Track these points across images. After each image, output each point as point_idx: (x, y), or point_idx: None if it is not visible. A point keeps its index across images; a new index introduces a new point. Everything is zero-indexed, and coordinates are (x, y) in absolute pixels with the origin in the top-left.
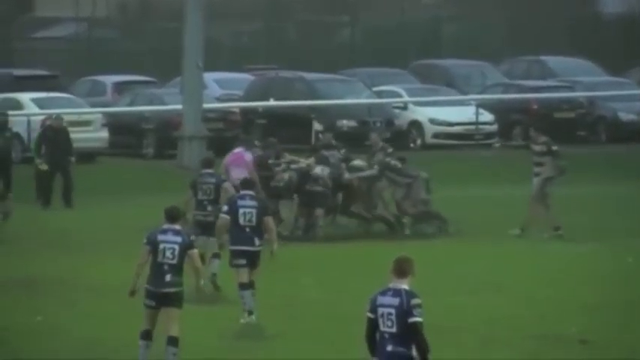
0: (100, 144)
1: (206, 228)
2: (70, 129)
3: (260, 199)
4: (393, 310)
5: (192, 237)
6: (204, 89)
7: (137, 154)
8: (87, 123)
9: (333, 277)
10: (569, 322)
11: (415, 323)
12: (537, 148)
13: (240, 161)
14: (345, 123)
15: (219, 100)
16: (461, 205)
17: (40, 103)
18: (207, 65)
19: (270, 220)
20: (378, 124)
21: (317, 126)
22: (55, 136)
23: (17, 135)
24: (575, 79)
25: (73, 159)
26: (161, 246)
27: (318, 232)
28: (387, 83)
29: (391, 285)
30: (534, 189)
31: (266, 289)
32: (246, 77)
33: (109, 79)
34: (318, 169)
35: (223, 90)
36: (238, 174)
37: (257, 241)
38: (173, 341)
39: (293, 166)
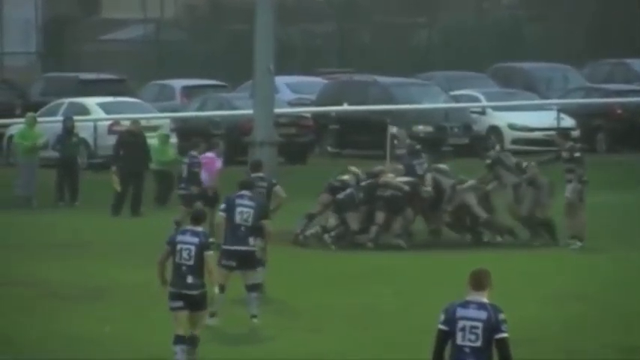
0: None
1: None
2: None
3: (260, 200)
4: (479, 324)
5: (212, 239)
6: (275, 93)
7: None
8: (155, 128)
9: (411, 287)
10: None
11: (504, 339)
12: (564, 154)
13: (211, 167)
14: (422, 128)
15: (290, 104)
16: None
17: (106, 108)
18: (279, 69)
19: (267, 224)
20: (456, 130)
21: (392, 131)
22: (134, 140)
23: (83, 141)
24: None
25: (152, 165)
26: (178, 246)
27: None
28: (465, 87)
29: (470, 298)
30: (573, 195)
31: (342, 298)
32: (318, 81)
33: (178, 83)
34: (390, 177)
35: (295, 94)
36: (205, 179)
37: (251, 241)
38: (193, 340)
39: (362, 183)
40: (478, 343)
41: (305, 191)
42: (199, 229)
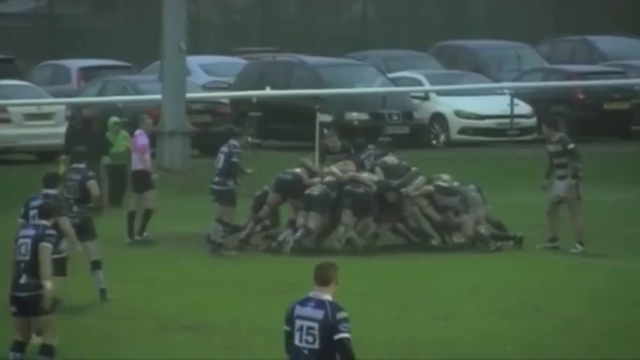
0: (63, 140)
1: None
2: (26, 123)
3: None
4: (315, 324)
5: (50, 231)
6: (187, 76)
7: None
8: (47, 116)
9: (346, 297)
10: (620, 349)
11: (343, 340)
12: (552, 147)
13: (134, 145)
14: (355, 116)
15: (205, 88)
16: (493, 212)
17: None
18: (192, 48)
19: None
20: (395, 117)
21: (322, 119)
22: (87, 129)
23: None
24: (629, 62)
25: (107, 159)
26: (19, 242)
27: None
28: (405, 68)
29: (312, 294)
30: (571, 193)
31: (263, 310)
32: (237, 62)
33: (74, 64)
34: (365, 174)
35: (210, 77)
36: (134, 160)
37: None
38: (45, 350)
39: (328, 178)
40: (316, 345)
41: None
42: (43, 222)
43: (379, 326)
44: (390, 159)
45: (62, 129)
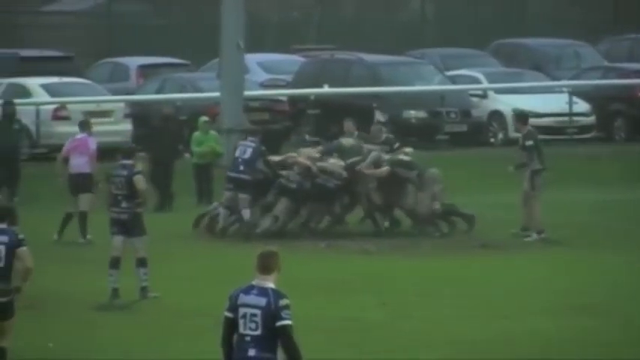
0: (122, 138)
1: (121, 227)
2: None
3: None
4: (258, 311)
5: (22, 236)
6: (245, 74)
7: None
8: (107, 113)
9: (396, 296)
10: None
11: (285, 327)
12: (520, 141)
13: (83, 148)
14: (413, 114)
15: (263, 86)
16: (550, 210)
17: (51, 90)
18: (250, 45)
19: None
20: (453, 115)
21: (379, 117)
22: (164, 127)
23: (26, 128)
24: None
25: (187, 155)
26: None
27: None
28: (463, 66)
29: (255, 282)
30: (527, 185)
31: (320, 311)
32: (295, 59)
33: (133, 62)
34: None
35: (269, 74)
36: (80, 163)
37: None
38: (2, 353)
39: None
40: (259, 332)
41: None
42: (4, 225)
43: (437, 325)
44: (347, 140)
45: (121, 126)
